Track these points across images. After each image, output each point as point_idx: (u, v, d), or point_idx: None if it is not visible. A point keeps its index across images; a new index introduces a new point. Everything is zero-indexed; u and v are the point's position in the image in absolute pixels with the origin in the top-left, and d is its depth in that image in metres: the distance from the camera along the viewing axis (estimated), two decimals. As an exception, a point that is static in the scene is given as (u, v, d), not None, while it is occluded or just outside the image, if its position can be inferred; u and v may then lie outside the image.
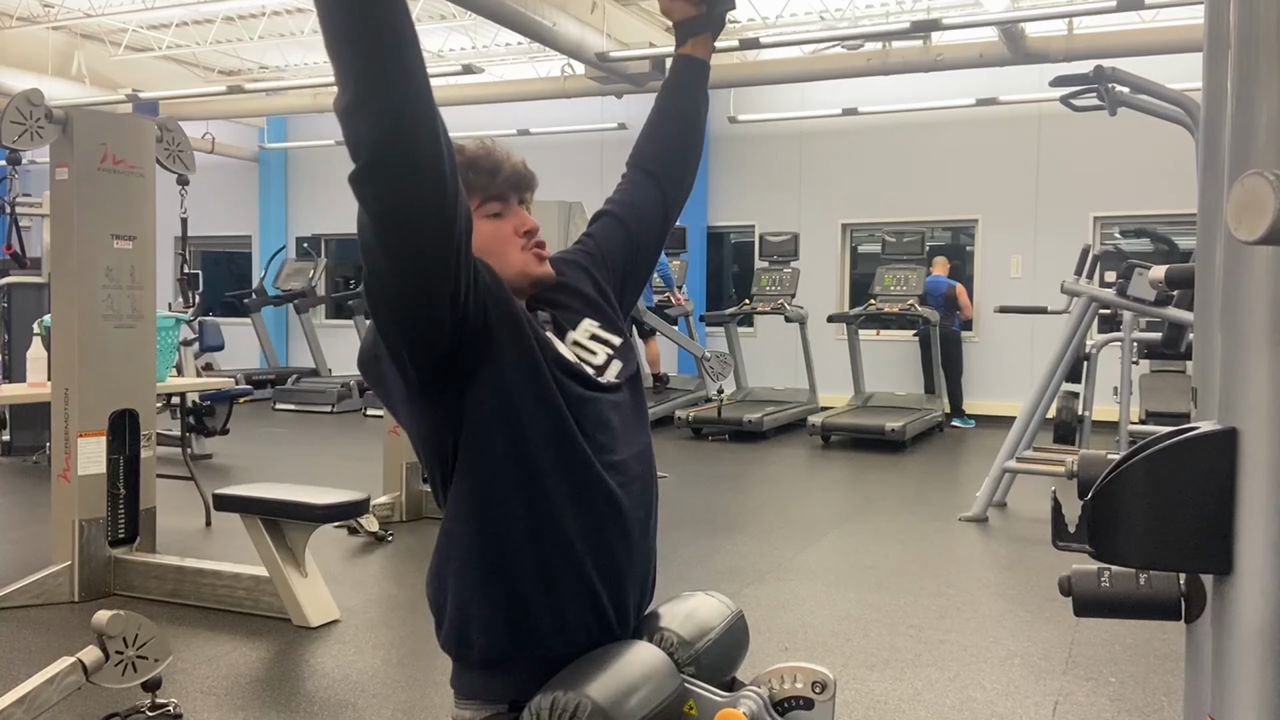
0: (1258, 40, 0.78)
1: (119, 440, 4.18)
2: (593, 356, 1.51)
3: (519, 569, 1.36)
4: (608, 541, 1.40)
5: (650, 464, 1.52)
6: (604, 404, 1.45)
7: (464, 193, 1.26)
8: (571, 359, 1.45)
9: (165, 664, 2.79)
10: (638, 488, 1.46)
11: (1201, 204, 1.07)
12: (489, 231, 1.44)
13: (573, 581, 1.36)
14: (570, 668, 1.31)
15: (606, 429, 1.43)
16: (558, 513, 1.36)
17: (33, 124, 3.89)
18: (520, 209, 1.49)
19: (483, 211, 1.44)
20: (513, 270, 1.44)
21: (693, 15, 1.70)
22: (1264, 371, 0.78)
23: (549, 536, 1.36)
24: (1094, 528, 0.86)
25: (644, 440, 1.52)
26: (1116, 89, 5.37)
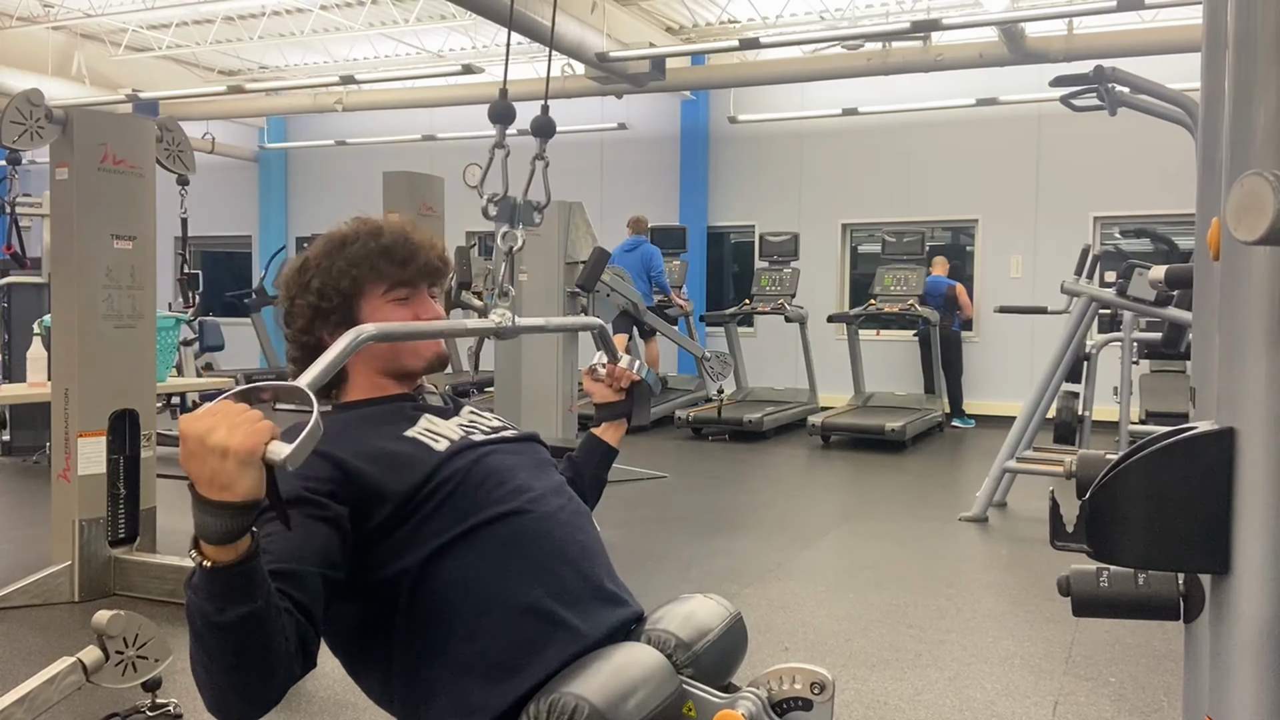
0: (1256, 40, 0.78)
1: (119, 440, 4.18)
2: (486, 423, 1.60)
3: (492, 649, 1.35)
4: (556, 570, 1.42)
5: (573, 496, 1.57)
6: (501, 452, 1.51)
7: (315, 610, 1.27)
8: (457, 436, 1.49)
9: (165, 664, 2.79)
10: (569, 515, 1.50)
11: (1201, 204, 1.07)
12: (393, 317, 1.52)
13: (541, 625, 1.37)
14: (568, 670, 1.31)
15: (513, 473, 1.48)
16: (502, 580, 1.38)
17: (33, 124, 3.89)
18: (426, 297, 1.57)
19: (389, 296, 1.53)
20: (408, 354, 1.53)
21: (612, 400, 1.84)
22: (1263, 371, 0.78)
23: (503, 604, 1.36)
24: (1092, 528, 0.86)
25: (556, 478, 1.58)
26: (1116, 89, 5.37)
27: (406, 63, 11.57)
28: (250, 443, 1.04)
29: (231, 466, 1.04)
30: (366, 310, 1.51)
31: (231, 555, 1.08)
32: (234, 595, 1.10)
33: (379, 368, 1.54)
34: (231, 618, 1.10)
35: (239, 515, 1.06)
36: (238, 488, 1.05)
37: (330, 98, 11.81)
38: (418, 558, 1.36)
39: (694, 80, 10.59)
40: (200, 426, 1.05)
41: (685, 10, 10.04)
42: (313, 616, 1.23)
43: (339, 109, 11.88)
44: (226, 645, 1.12)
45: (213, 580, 1.09)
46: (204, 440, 1.04)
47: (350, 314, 1.51)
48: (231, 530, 1.07)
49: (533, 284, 6.17)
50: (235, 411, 1.07)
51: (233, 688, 1.16)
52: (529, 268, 6.17)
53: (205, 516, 1.06)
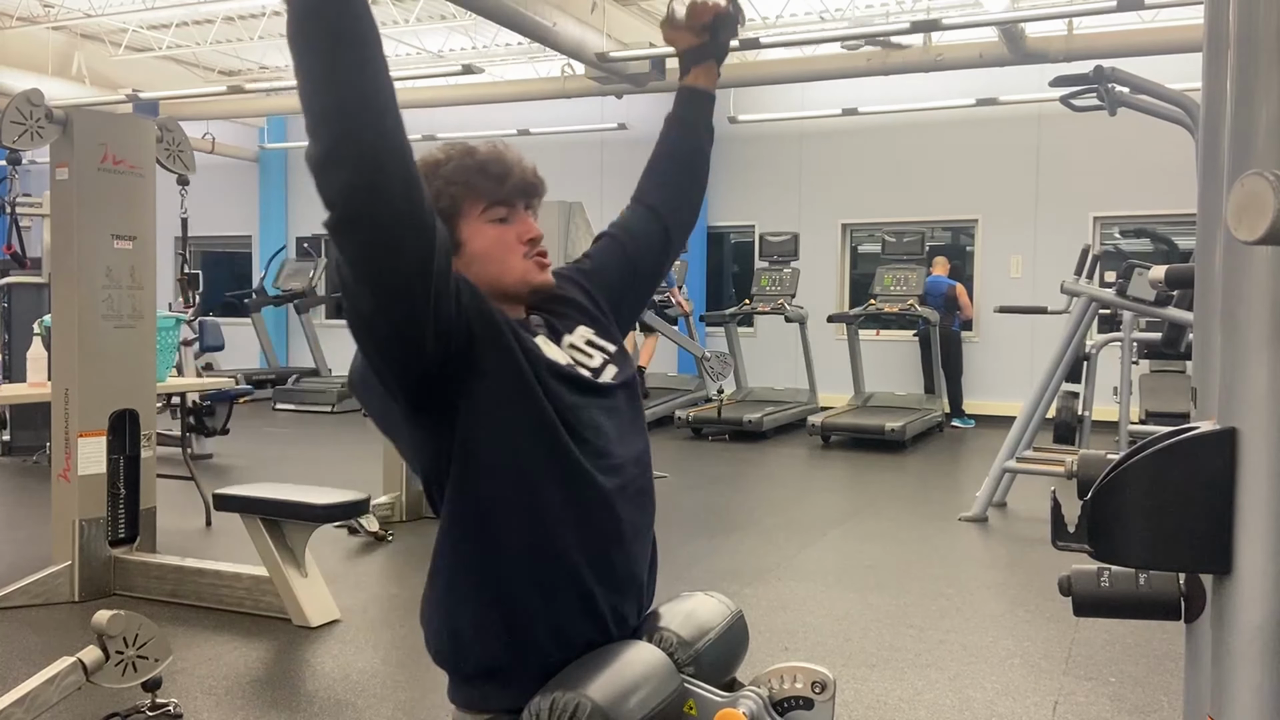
0: (1257, 40, 0.78)
1: (119, 440, 4.18)
2: (588, 359, 1.50)
3: (516, 581, 1.35)
4: (604, 548, 1.40)
5: (647, 468, 1.52)
6: (598, 407, 1.45)
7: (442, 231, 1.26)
8: (564, 363, 1.44)
9: (165, 664, 2.80)
10: (634, 492, 1.45)
11: (1201, 204, 1.07)
12: (493, 236, 1.44)
13: (570, 591, 1.36)
14: (570, 668, 1.31)
15: (601, 433, 1.43)
16: (553, 523, 1.36)
17: (33, 124, 3.89)
18: (526, 215, 1.49)
19: (488, 215, 1.44)
20: (513, 276, 1.44)
21: (696, 44, 1.70)
22: (1263, 371, 0.78)
23: (545, 547, 1.36)
24: (1093, 528, 0.86)
25: (641, 444, 1.52)
26: (1116, 89, 5.37)
27: (406, 63, 11.57)
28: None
29: None
30: (466, 231, 1.43)
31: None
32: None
33: (485, 290, 1.43)
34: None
35: None
36: None
37: (330, 98, 11.79)
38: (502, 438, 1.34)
39: (694, 80, 10.58)
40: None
41: (685, 10, 10.03)
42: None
43: (339, 109, 11.87)
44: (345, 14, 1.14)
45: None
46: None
47: (451, 236, 1.40)
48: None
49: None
50: None
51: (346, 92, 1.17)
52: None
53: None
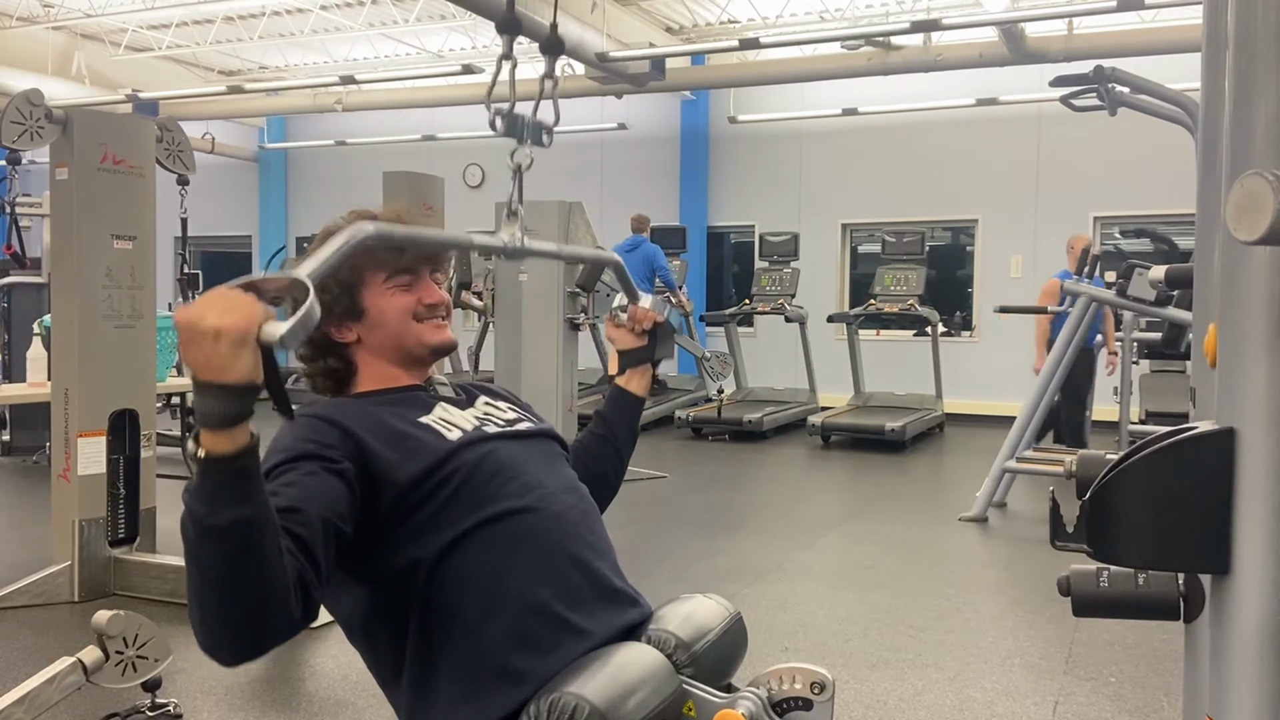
0: (1256, 41, 0.78)
1: (119, 440, 4.18)
2: (501, 414, 1.58)
3: (500, 649, 1.35)
4: (563, 571, 1.41)
5: (582, 492, 1.55)
6: (515, 446, 1.50)
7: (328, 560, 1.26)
8: (469, 426, 1.49)
9: (165, 664, 2.79)
10: (576, 515, 1.49)
11: (1201, 204, 1.07)
12: (394, 303, 1.51)
13: (547, 629, 1.37)
14: (569, 669, 1.31)
15: (523, 469, 1.47)
16: (510, 579, 1.37)
17: (33, 124, 3.89)
18: (429, 282, 1.55)
19: (390, 283, 1.51)
20: (412, 339, 1.52)
21: (635, 346, 1.80)
22: (1263, 371, 0.78)
23: (511, 604, 1.36)
24: (1093, 528, 0.86)
25: (568, 474, 1.57)
26: (1116, 89, 5.37)
27: (406, 63, 11.56)
28: (243, 323, 1.04)
29: (225, 349, 1.03)
30: (368, 299, 1.51)
31: (229, 446, 1.07)
32: (229, 495, 1.07)
33: (387, 357, 1.54)
34: (224, 521, 1.07)
35: (236, 398, 1.05)
36: (233, 370, 1.03)
37: (330, 98, 11.80)
38: (429, 550, 1.36)
39: (694, 80, 10.59)
40: (193, 313, 1.04)
41: (685, 10, 10.04)
42: (315, 559, 1.21)
43: (339, 109, 11.87)
44: (219, 556, 1.09)
45: (208, 476, 1.07)
46: (196, 325, 1.03)
47: (354, 304, 1.51)
48: (229, 414, 1.05)
49: (532, 283, 6.17)
50: (228, 296, 1.06)
51: (225, 613, 1.12)
52: (528, 267, 6.16)
53: (204, 400, 1.05)
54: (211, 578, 1.11)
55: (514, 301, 6.30)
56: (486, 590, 1.36)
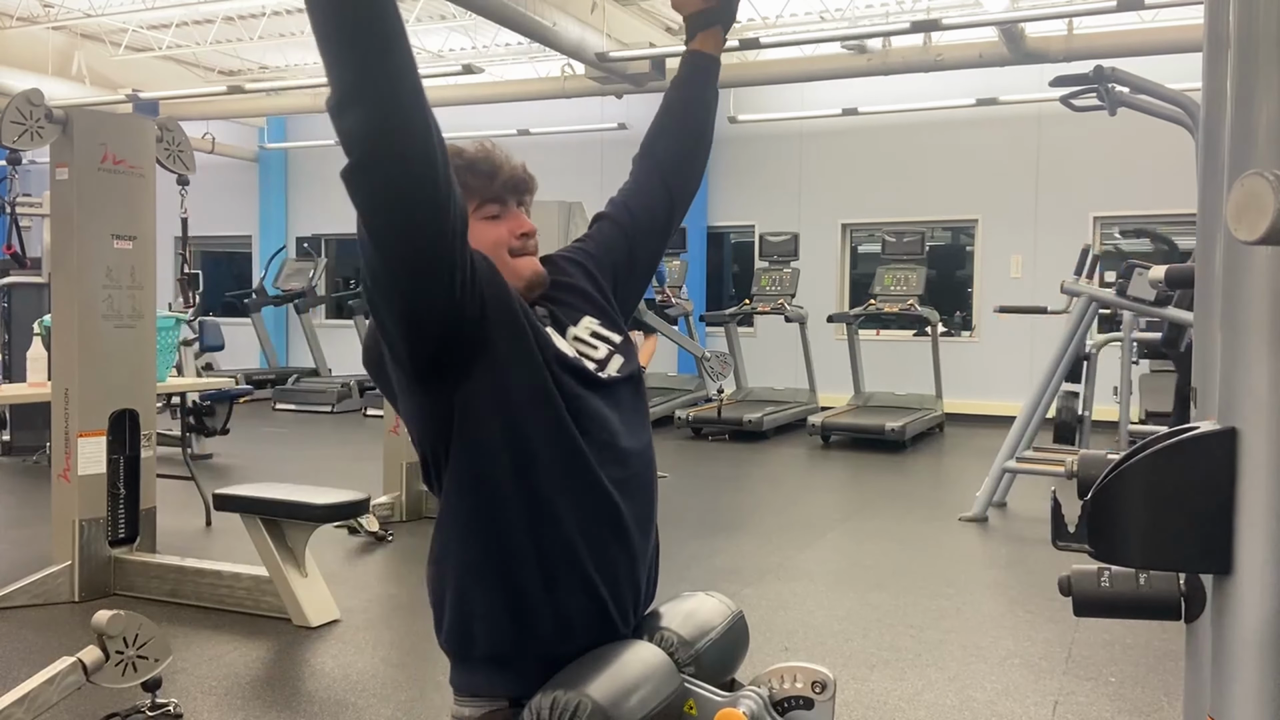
0: (1257, 41, 0.78)
1: (119, 440, 4.18)
2: (593, 351, 1.50)
3: (518, 566, 1.35)
4: (606, 539, 1.40)
5: (651, 463, 1.52)
6: (604, 400, 1.45)
7: (458, 189, 1.27)
8: (571, 354, 1.45)
9: (165, 664, 2.79)
10: (637, 486, 1.46)
11: (1201, 204, 1.07)
12: (487, 233, 1.45)
13: (573, 580, 1.36)
14: (570, 667, 1.31)
15: (606, 426, 1.43)
16: (555, 509, 1.36)
17: (33, 124, 3.89)
18: (518, 212, 1.50)
19: (480, 213, 1.46)
20: (507, 271, 1.45)
21: (702, 8, 1.70)
22: (1264, 371, 0.78)
23: (547, 533, 1.36)
24: (1094, 527, 0.86)
25: (645, 438, 1.52)
26: (1116, 89, 5.37)
27: (406, 63, 11.56)
28: None
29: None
30: None
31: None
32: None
33: None
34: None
35: None
36: None
37: (330, 98, 11.79)
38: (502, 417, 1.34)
39: (694, 80, 10.58)
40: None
41: (685, 10, 10.03)
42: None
43: (339, 109, 11.86)
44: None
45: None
46: None
47: None
48: None
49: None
50: None
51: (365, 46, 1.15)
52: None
53: None
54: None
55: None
56: (540, 518, 1.35)
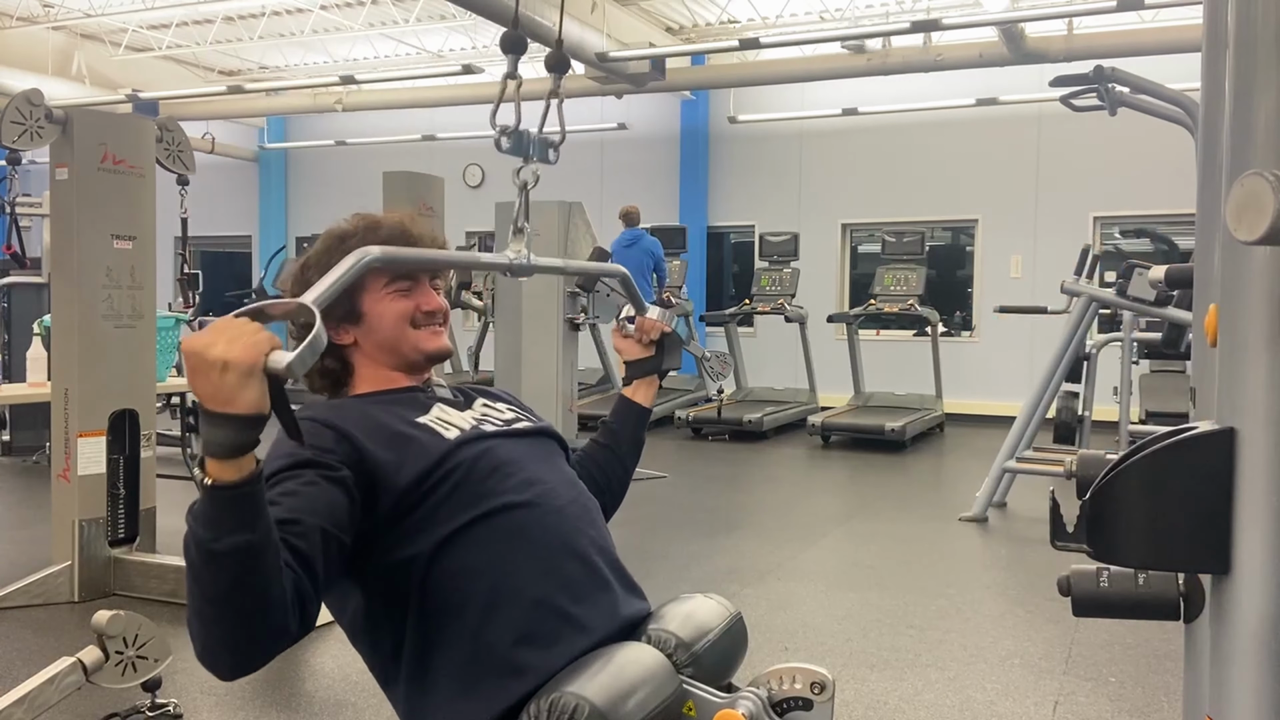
0: (1256, 41, 0.78)
1: (119, 440, 4.18)
2: (500, 415, 1.59)
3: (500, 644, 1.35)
4: (564, 568, 1.42)
5: (580, 488, 1.56)
6: (512, 444, 1.51)
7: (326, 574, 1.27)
8: (468, 426, 1.50)
9: (165, 664, 2.79)
10: (576, 509, 1.49)
11: (1201, 204, 1.07)
12: (391, 308, 1.52)
13: (549, 622, 1.37)
14: (569, 669, 1.31)
15: (521, 465, 1.47)
16: (511, 573, 1.37)
17: (33, 124, 3.89)
18: (428, 289, 1.56)
19: (391, 288, 1.52)
20: (408, 344, 1.53)
21: (642, 356, 1.81)
22: (1263, 371, 0.78)
23: (512, 598, 1.37)
24: (1093, 528, 0.86)
25: (567, 470, 1.58)
26: (1116, 89, 5.37)
27: (406, 63, 11.56)
28: (250, 354, 1.06)
29: (233, 379, 1.05)
30: (367, 303, 1.51)
31: (234, 474, 1.08)
32: (233, 520, 1.09)
33: (384, 360, 1.55)
34: (227, 546, 1.09)
35: (243, 428, 1.07)
36: (240, 400, 1.06)
37: (330, 98, 11.81)
38: (426, 545, 1.36)
39: (694, 80, 10.59)
40: (200, 342, 1.06)
41: (685, 10, 10.04)
42: (313, 571, 1.22)
43: (339, 109, 11.88)
44: (220, 577, 1.11)
45: (213, 502, 1.09)
46: (204, 355, 1.05)
47: (353, 308, 1.52)
48: (235, 443, 1.07)
49: (533, 283, 6.17)
50: (235, 325, 1.08)
51: (224, 629, 1.14)
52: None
53: (211, 429, 1.07)
54: (212, 597, 1.13)
55: (514, 301, 6.30)
56: (487, 585, 1.36)
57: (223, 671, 1.18)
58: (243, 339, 1.06)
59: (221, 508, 1.09)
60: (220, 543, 1.09)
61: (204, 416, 1.07)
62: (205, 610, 1.14)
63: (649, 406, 1.84)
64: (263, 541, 1.12)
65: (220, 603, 1.13)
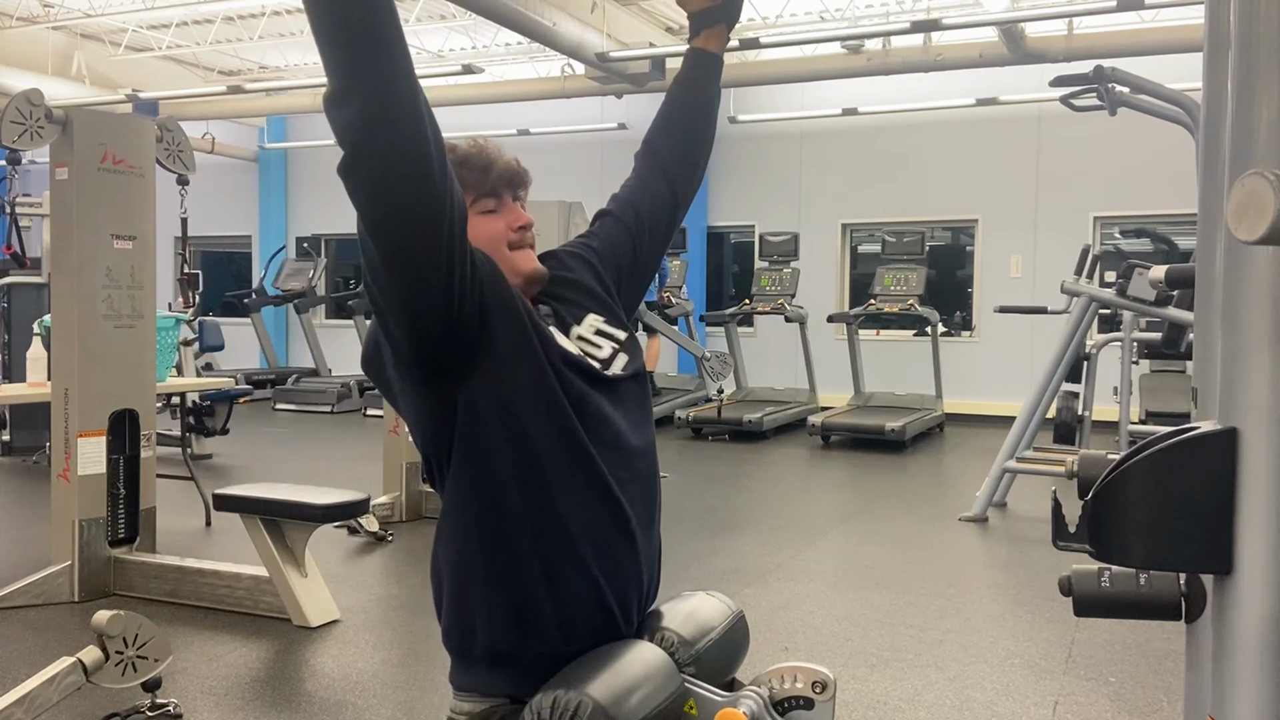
0: (1258, 40, 0.78)
1: (119, 440, 4.18)
2: (598, 350, 1.50)
3: (520, 563, 1.35)
4: (609, 538, 1.40)
5: (653, 462, 1.52)
6: (608, 399, 1.45)
7: (456, 182, 1.27)
8: (575, 352, 1.44)
9: (165, 664, 2.79)
10: (640, 484, 1.46)
11: (1201, 204, 1.07)
12: (483, 227, 1.45)
13: (576, 578, 1.36)
14: (571, 666, 1.31)
15: (609, 424, 1.43)
16: (558, 507, 1.36)
17: (33, 124, 3.89)
18: (514, 205, 1.51)
19: (476, 208, 1.46)
20: (505, 266, 1.45)
21: (707, 6, 1.69)
22: (1264, 371, 0.78)
23: (550, 531, 1.36)
24: (1094, 528, 0.86)
25: (649, 436, 1.52)
26: (1116, 89, 5.37)
27: (406, 63, 11.56)
28: None
29: None
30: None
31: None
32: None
33: None
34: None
35: None
36: None
37: (330, 98, 11.79)
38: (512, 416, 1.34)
39: (694, 80, 10.58)
40: None
41: (685, 10, 10.04)
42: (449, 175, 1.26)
43: (339, 109, 11.86)
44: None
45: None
46: None
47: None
48: None
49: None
50: None
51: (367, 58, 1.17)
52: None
53: None
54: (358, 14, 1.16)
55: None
56: (544, 516, 1.36)
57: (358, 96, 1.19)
58: None
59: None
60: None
61: None
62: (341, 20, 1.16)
63: (721, 54, 1.73)
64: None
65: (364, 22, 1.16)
